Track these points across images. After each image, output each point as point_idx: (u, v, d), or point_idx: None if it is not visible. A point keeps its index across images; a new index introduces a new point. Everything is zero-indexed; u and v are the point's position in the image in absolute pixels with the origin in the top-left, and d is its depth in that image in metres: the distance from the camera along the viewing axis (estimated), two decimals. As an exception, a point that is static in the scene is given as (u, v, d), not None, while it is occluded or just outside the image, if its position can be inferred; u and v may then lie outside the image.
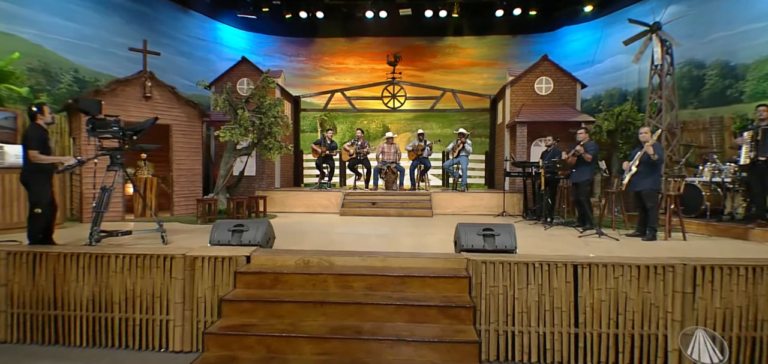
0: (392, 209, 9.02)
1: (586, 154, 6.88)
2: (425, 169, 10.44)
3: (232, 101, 8.39)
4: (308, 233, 6.56)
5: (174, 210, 8.63)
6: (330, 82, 14.08)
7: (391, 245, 5.51)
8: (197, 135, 8.92)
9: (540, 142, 10.56)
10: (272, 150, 8.70)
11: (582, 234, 6.44)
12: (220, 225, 4.72)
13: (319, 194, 9.74)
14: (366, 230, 6.83)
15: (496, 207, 9.29)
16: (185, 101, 8.72)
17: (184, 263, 4.27)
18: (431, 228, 7.20)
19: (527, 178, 8.55)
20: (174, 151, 8.61)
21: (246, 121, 7.98)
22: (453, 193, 9.66)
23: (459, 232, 4.47)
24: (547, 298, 4.03)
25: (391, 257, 4.16)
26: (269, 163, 10.59)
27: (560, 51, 12.76)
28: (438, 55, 14.12)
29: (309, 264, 4.18)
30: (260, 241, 4.56)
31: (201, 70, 12.11)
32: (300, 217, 8.66)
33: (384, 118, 13.95)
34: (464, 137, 9.95)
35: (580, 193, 7.06)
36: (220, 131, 7.98)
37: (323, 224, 7.55)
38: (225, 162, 8.53)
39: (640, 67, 10.73)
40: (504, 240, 4.40)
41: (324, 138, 10.34)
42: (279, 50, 14.15)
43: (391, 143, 10.42)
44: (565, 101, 10.36)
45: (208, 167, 10.61)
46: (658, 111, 9.14)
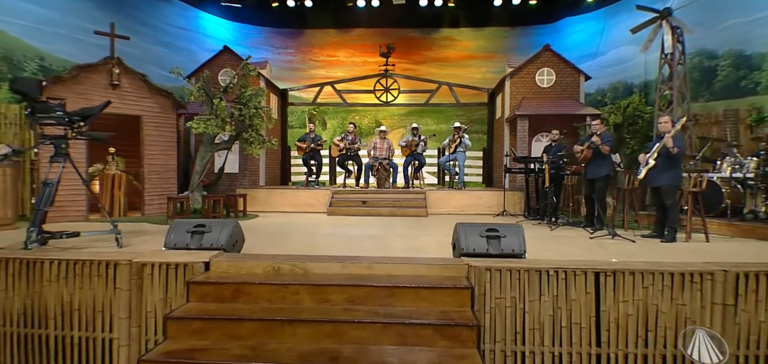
0: (384, 209, 8.35)
1: (603, 146, 6.23)
2: (420, 166, 9.78)
3: (209, 90, 7.67)
4: (289, 234, 5.87)
5: (145, 209, 7.90)
6: (320, 75, 13.39)
7: (381, 249, 4.84)
8: (171, 128, 8.20)
9: (542, 137, 9.94)
10: (253, 144, 8.00)
11: (593, 235, 5.80)
12: (178, 225, 4.02)
13: (306, 192, 9.05)
14: (354, 231, 6.16)
15: (496, 206, 8.65)
16: (157, 91, 8.00)
17: (130, 271, 3.58)
18: (426, 229, 6.54)
19: (530, 175, 7.90)
20: (145, 145, 7.88)
21: (223, 112, 7.27)
22: (449, 191, 9.01)
23: (458, 233, 3.81)
24: (563, 312, 3.38)
25: (379, 264, 3.49)
26: (253, 160, 9.88)
27: (561, 43, 12.13)
28: (433, 48, 13.47)
29: (280, 272, 3.49)
30: (224, 244, 3.87)
31: (181, 61, 11.29)
32: (283, 217, 7.97)
33: (377, 114, 13.29)
34: (461, 132, 9.29)
35: (596, 190, 6.41)
36: (194, 122, 7.27)
37: (308, 225, 6.86)
38: (201, 157, 7.81)
39: (647, 59, 10.14)
40: (511, 242, 3.74)
41: (309, 133, 9.65)
42: (266, 42, 13.43)
43: (384, 138, 9.75)
44: (568, 94, 9.74)
45: (187, 164, 9.87)
46: (669, 103, 8.53)
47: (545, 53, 9.84)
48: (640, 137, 9.09)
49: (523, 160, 7.91)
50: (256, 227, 6.51)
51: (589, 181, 6.60)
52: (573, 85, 9.78)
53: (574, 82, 9.78)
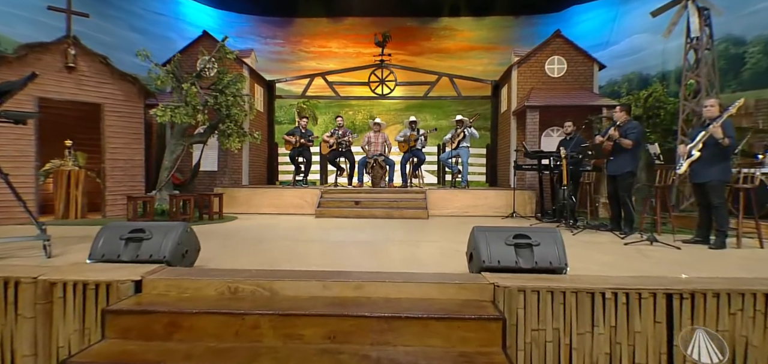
0: (379, 210, 7.43)
1: (624, 140, 5.39)
2: (419, 163, 8.88)
3: (179, 75, 6.73)
4: (265, 240, 4.93)
5: (107, 210, 6.93)
6: (310, 67, 12.48)
7: (375, 259, 3.92)
8: (138, 118, 7.24)
9: (552, 132, 9.09)
10: (232, 137, 7.08)
11: (628, 241, 4.91)
12: (109, 230, 3.08)
13: (292, 191, 8.11)
14: (343, 236, 5.23)
15: (504, 207, 7.76)
16: (121, 75, 7.03)
17: (35, 293, 2.64)
18: (428, 233, 5.63)
19: (544, 172, 7.02)
20: (106, 138, 6.92)
21: (194, 98, 6.33)
22: (452, 190, 8.11)
23: (477, 240, 2.89)
24: (624, 348, 2.49)
25: (372, 282, 2.57)
26: (235, 157, 8.94)
27: (570, 32, 11.25)
28: (432, 38, 12.59)
29: (237, 294, 2.57)
30: (169, 255, 2.93)
31: (158, 49, 10.32)
32: (265, 219, 7.03)
33: (371, 108, 12.38)
34: (463, 125, 8.40)
35: (620, 188, 5.56)
36: (158, 109, 6.32)
37: (290, 229, 5.93)
38: (170, 151, 6.86)
39: (665, 47, 9.33)
40: (547, 253, 2.83)
41: (298, 127, 8.72)
42: (253, 31, 12.49)
43: (379, 132, 8.84)
44: (580, 84, 8.90)
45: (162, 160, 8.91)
46: (695, 92, 7.70)
47: (556, 40, 9.00)
48: (662, 131, 8.25)
49: (536, 155, 7.03)
50: (228, 232, 5.57)
51: (611, 178, 5.75)
52: (586, 74, 8.94)
53: (588, 71, 8.94)
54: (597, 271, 3.40)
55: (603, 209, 7.76)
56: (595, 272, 3.31)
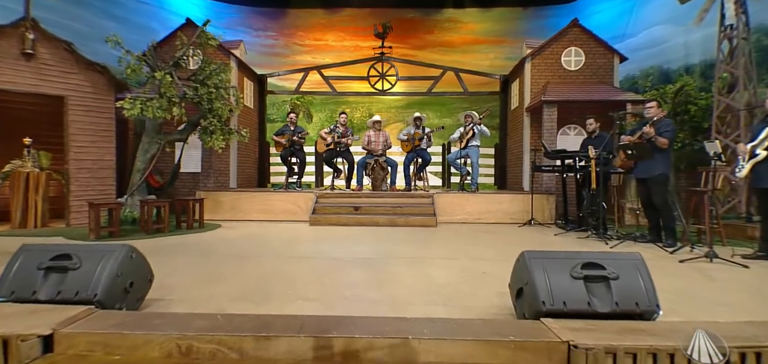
0: (382, 216, 6.63)
1: (660, 139, 4.64)
2: (424, 163, 8.08)
3: (154, 63, 5.90)
4: (250, 258, 4.12)
5: (71, 218, 6.08)
6: (305, 61, 11.64)
7: (382, 287, 3.12)
8: (108, 113, 6.40)
9: (569, 129, 8.32)
10: (215, 135, 6.24)
11: (681, 256, 4.14)
12: (27, 254, 2.26)
13: (283, 196, 7.29)
14: (341, 251, 4.43)
15: (520, 213, 6.99)
16: (88, 64, 6.19)
17: None
18: (440, 246, 4.83)
19: (567, 174, 6.25)
20: (71, 135, 6.07)
21: (168, 89, 5.50)
22: (462, 194, 7.32)
23: (531, 271, 2.10)
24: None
25: (386, 339, 1.77)
26: (221, 157, 8.11)
27: (583, 24, 10.58)
28: (435, 31, 11.81)
29: (191, 356, 1.76)
30: (102, 293, 2.11)
31: (139, 41, 9.42)
32: (253, 228, 6.21)
33: (370, 105, 11.58)
34: (473, 122, 7.61)
35: (653, 193, 4.82)
36: (126, 101, 5.49)
37: (280, 242, 5.11)
38: (144, 150, 6.03)
39: (687, 39, 8.62)
40: (629, 289, 2.05)
41: (287, 125, 7.92)
42: (243, 22, 11.66)
43: (379, 130, 8.04)
44: (599, 78, 8.14)
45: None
46: (730, 86, 6.97)
47: (573, 30, 8.24)
48: (690, 129, 7.52)
49: (558, 155, 6.26)
50: (206, 245, 4.75)
51: (640, 181, 5.01)
52: (606, 67, 8.18)
53: (607, 64, 8.18)
54: (683, 310, 2.61)
55: (629, 216, 7.01)
56: (683, 313, 2.53)
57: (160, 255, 4.09)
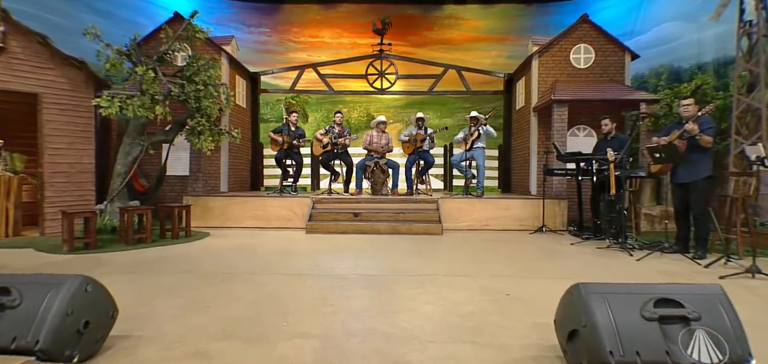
0: (383, 223, 6.20)
1: (704, 137, 4.26)
2: (426, 166, 7.66)
3: (137, 57, 5.43)
4: (238, 275, 3.67)
5: (46, 227, 5.58)
6: (300, 59, 11.20)
7: (395, 320, 2.68)
8: (86, 112, 5.90)
9: (578, 130, 7.95)
10: (203, 135, 5.78)
11: (719, 270, 3.74)
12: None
13: (278, 201, 6.83)
14: (341, 267, 3.98)
15: (530, 219, 6.59)
16: (64, 59, 5.70)
17: None
18: (451, 258, 4.40)
19: (583, 178, 5.85)
20: (46, 136, 5.57)
21: (150, 85, 5.03)
22: (468, 199, 6.90)
23: (588, 307, 1.67)
24: None
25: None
26: (211, 159, 7.64)
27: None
28: (435, 28, 11.41)
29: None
30: (46, 339, 1.66)
31: (125, 36, 9.00)
32: (244, 237, 5.74)
33: (368, 104, 11.15)
34: (478, 123, 7.21)
35: (693, 200, 4.44)
36: (102, 99, 5.01)
37: (274, 254, 4.66)
38: (125, 153, 5.55)
39: (699, 37, 8.27)
40: (714, 330, 1.63)
41: (287, 124, 7.47)
42: (235, 18, 11.18)
43: (382, 132, 7.61)
44: (610, 76, 7.77)
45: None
46: (750, 86, 6.63)
47: (582, 26, 7.86)
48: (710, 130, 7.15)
49: (573, 158, 5.86)
50: (190, 259, 4.29)
51: (680, 186, 4.61)
52: (616, 65, 7.81)
53: (618, 61, 7.82)
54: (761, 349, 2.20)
55: (645, 222, 6.63)
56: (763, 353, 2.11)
57: (138, 272, 3.63)
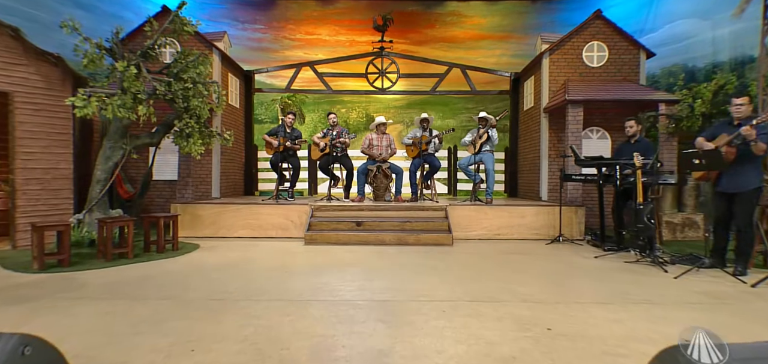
0: (388, 234, 5.74)
1: (759, 144, 3.84)
2: (432, 171, 7.22)
3: (118, 51, 4.92)
4: (227, 303, 3.19)
5: (17, 239, 5.05)
6: (296, 57, 10.73)
7: (419, 363, 2.22)
8: (64, 112, 5.37)
9: (591, 133, 7.56)
10: (192, 138, 5.28)
11: (762, 290, 3.33)
12: None
13: (274, 209, 6.34)
14: (348, 288, 3.52)
15: (545, 228, 6.17)
16: (39, 54, 5.17)
17: None
18: (470, 276, 3.95)
19: (606, 184, 5.43)
20: (18, 139, 5.04)
21: (132, 83, 4.53)
22: (478, 206, 6.45)
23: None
24: None
25: None
26: (202, 163, 7.14)
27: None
28: (436, 26, 10.97)
29: None
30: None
31: (109, 31, 8.50)
32: (237, 250, 5.25)
33: (367, 104, 10.68)
34: (487, 125, 6.78)
35: (741, 211, 4.04)
36: (77, 97, 4.50)
37: (270, 271, 4.18)
38: (105, 157, 5.03)
39: (715, 35, 7.91)
40: None
41: (282, 126, 6.99)
42: (228, 14, 10.66)
43: (384, 133, 7.16)
44: (624, 75, 7.38)
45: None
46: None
47: (595, 23, 7.46)
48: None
49: (594, 163, 5.44)
50: (174, 279, 3.80)
51: (724, 196, 4.19)
52: (631, 63, 7.43)
53: (633, 60, 7.43)
54: None
55: (666, 231, 6.23)
56: None
57: (114, 297, 3.14)
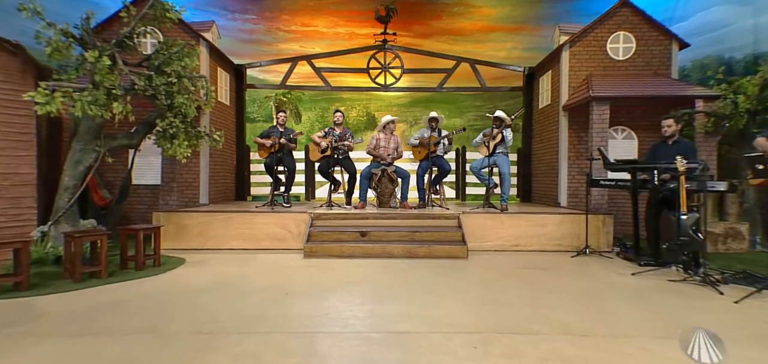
0: (396, 245, 5.11)
1: None
2: (441, 174, 6.60)
3: (89, 39, 4.26)
4: (214, 337, 2.56)
5: (-29, 256, 4.36)
6: (291, 50, 10.07)
7: None
8: (26, 109, 4.70)
9: (616, 132, 6.98)
10: (177, 139, 4.63)
11: None
12: None
13: (269, 217, 5.69)
14: (358, 316, 2.90)
15: (568, 238, 5.57)
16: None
17: None
18: (495, 299, 3.32)
19: (640, 190, 4.83)
20: (-31, 140, 4.37)
21: (105, 76, 3.87)
22: (493, 214, 5.84)
23: None
24: None
25: None
26: (188, 166, 6.48)
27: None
28: (443, 17, 10.32)
29: None
30: None
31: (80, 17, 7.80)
32: (227, 265, 4.61)
33: (368, 103, 10.03)
34: (502, 125, 6.17)
35: None
36: (38, 92, 3.83)
37: (266, 294, 3.55)
38: (74, 161, 4.37)
39: (756, 22, 7.32)
40: None
41: (275, 126, 6.35)
42: (217, 3, 9.97)
43: (391, 133, 6.54)
44: (653, 69, 6.80)
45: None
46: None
47: (621, 11, 6.87)
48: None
49: (627, 166, 4.84)
50: (151, 309, 3.16)
51: None
52: (662, 56, 6.84)
53: (664, 51, 6.84)
54: None
55: (708, 243, 5.64)
56: None
57: (78, 332, 2.53)
